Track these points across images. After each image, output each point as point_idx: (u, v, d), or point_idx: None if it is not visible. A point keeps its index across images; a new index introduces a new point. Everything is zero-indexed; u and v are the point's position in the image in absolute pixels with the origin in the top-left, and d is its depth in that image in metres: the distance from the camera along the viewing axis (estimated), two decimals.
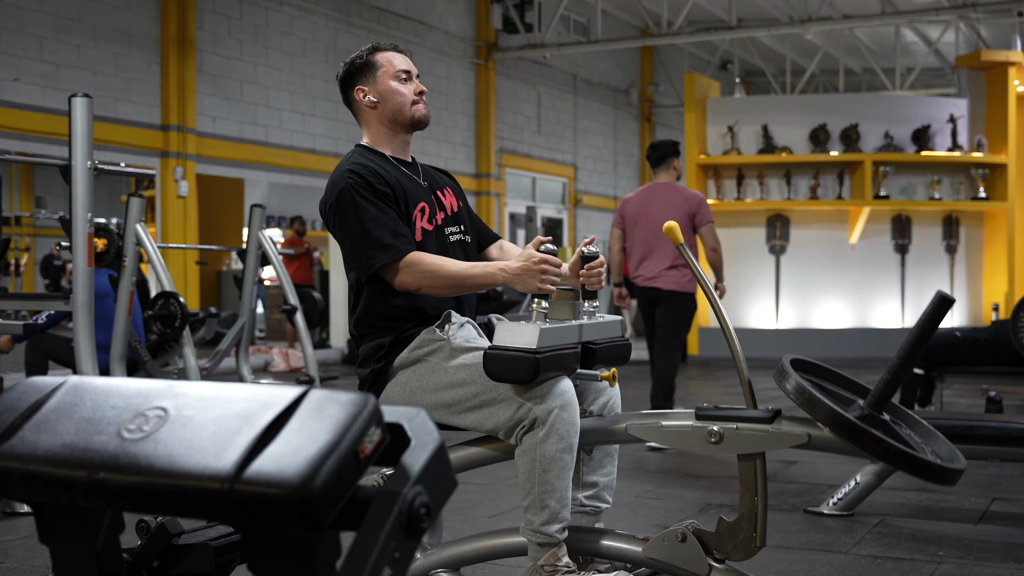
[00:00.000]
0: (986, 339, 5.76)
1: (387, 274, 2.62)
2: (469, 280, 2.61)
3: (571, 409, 2.46)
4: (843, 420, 2.16)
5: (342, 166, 2.73)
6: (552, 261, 2.53)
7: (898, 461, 2.14)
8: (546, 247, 2.56)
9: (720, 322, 2.47)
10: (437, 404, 2.58)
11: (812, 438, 2.29)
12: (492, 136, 16.13)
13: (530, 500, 2.48)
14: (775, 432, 2.32)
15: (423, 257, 2.61)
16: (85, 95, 4.58)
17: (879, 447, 2.14)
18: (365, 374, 2.71)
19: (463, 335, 2.64)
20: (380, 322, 2.69)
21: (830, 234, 11.79)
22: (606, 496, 2.74)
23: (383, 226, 2.62)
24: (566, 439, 2.45)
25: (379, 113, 2.81)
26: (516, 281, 2.54)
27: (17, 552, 3.50)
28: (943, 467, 2.15)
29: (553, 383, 2.46)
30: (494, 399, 2.50)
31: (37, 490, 1.30)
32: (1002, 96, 11.85)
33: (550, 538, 2.48)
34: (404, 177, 2.77)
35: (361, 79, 2.81)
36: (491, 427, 2.52)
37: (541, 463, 2.44)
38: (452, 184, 2.96)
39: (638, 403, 7.58)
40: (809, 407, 2.21)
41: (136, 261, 5.56)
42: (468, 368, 2.55)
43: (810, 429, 2.30)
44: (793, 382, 2.25)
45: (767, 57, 20.96)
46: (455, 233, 2.83)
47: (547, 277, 2.51)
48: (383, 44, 2.86)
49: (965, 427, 3.91)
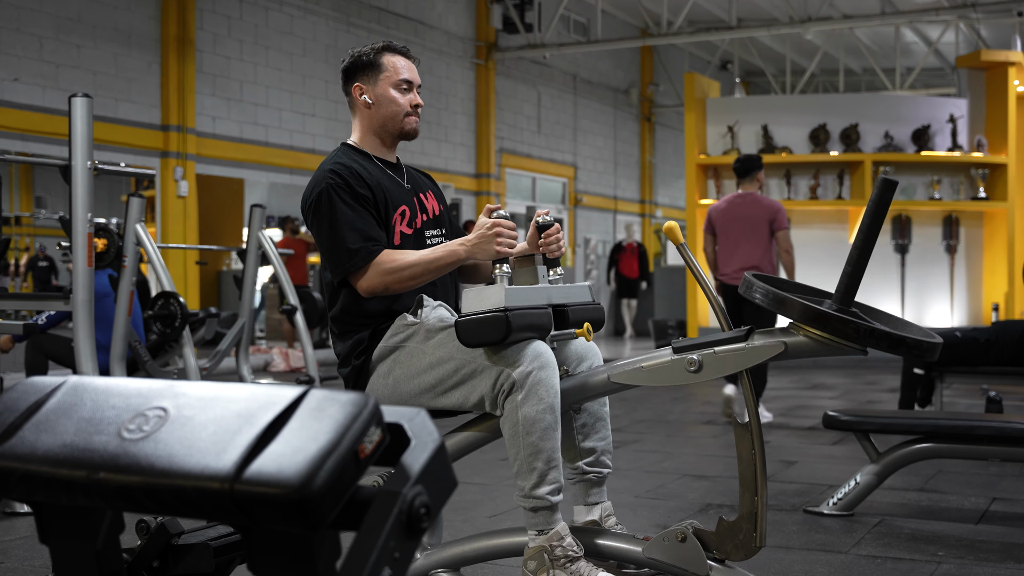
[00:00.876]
0: (986, 339, 5.76)
1: (354, 279, 2.64)
2: (433, 264, 2.63)
3: (548, 369, 2.47)
4: (814, 311, 2.20)
5: (325, 165, 2.74)
6: (504, 224, 2.57)
7: (870, 339, 2.16)
8: (497, 213, 2.61)
9: (720, 322, 2.47)
10: (421, 388, 2.59)
11: (788, 345, 2.32)
12: (492, 136, 16.13)
13: (518, 465, 2.48)
14: (751, 347, 2.35)
15: (384, 256, 2.62)
16: (85, 95, 4.58)
17: (850, 329, 2.17)
18: (347, 372, 2.72)
19: (436, 315, 2.66)
20: (357, 320, 2.70)
21: (830, 234, 11.78)
22: (606, 460, 2.73)
23: (355, 230, 2.63)
24: (546, 399, 2.45)
25: (371, 115, 2.81)
26: (476, 252, 2.58)
27: (17, 552, 3.50)
28: (917, 339, 2.17)
29: (527, 344, 2.47)
30: (474, 371, 2.51)
31: (37, 490, 1.30)
32: (1002, 96, 11.84)
33: (542, 500, 2.46)
34: (386, 179, 2.77)
35: (362, 76, 2.81)
36: (476, 400, 2.52)
37: (523, 425, 2.44)
38: (433, 187, 2.97)
39: (639, 402, 7.57)
40: (780, 306, 2.25)
41: (136, 261, 5.56)
42: (445, 346, 2.56)
43: (784, 337, 2.32)
44: (761, 288, 2.29)
45: (767, 57, 20.96)
46: (435, 236, 2.84)
47: (503, 240, 2.56)
48: (395, 45, 2.84)
49: (965, 427, 3.91)
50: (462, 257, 2.61)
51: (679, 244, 2.54)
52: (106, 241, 5.65)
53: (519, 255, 2.69)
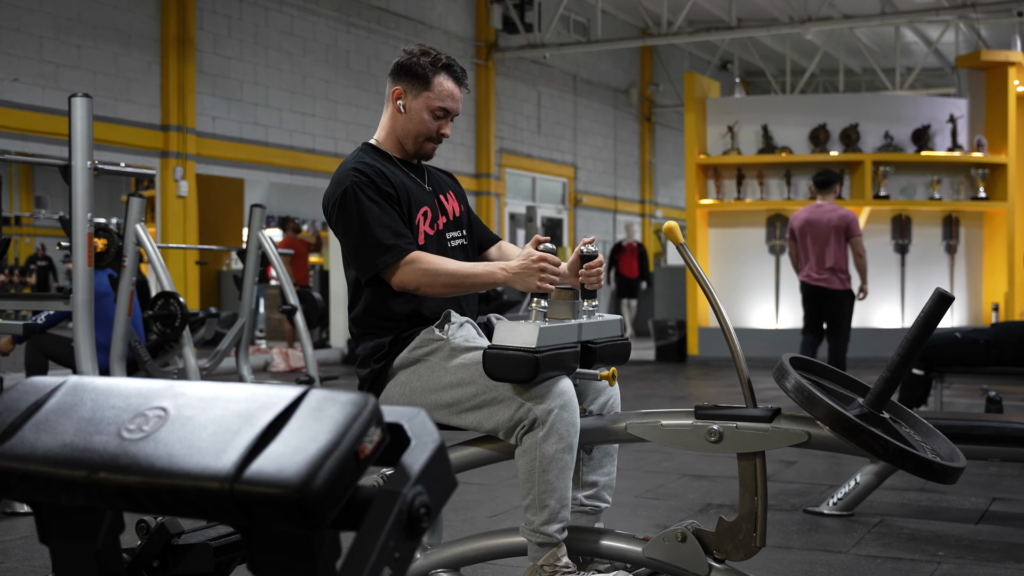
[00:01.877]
0: (986, 340, 5.76)
1: (387, 274, 2.62)
2: (469, 279, 2.61)
3: (571, 409, 2.46)
4: (843, 418, 2.16)
5: (347, 164, 2.72)
6: (551, 260, 2.52)
7: (898, 459, 2.13)
8: (545, 246, 2.56)
9: (720, 322, 2.46)
10: (437, 404, 2.58)
11: (812, 436, 2.29)
12: (492, 136, 16.13)
13: (530, 500, 2.48)
14: (774, 431, 2.32)
15: (423, 256, 2.61)
16: (85, 95, 4.58)
17: (879, 445, 2.14)
18: (365, 374, 2.70)
19: (463, 335, 2.63)
20: (380, 322, 2.68)
21: None
22: (606, 496, 2.74)
23: (385, 226, 2.61)
24: (566, 439, 2.44)
25: (399, 122, 2.77)
26: (515, 280, 2.54)
27: (17, 552, 3.50)
28: (943, 465, 2.14)
29: (553, 383, 2.46)
30: (494, 399, 2.49)
31: (37, 490, 1.30)
32: (1002, 96, 11.84)
33: (549, 538, 2.48)
34: (408, 180, 2.76)
35: (408, 83, 2.75)
36: (491, 427, 2.52)
37: (541, 463, 2.44)
38: (455, 187, 2.95)
39: (639, 403, 7.58)
40: (809, 405, 2.21)
41: (136, 261, 5.56)
42: (468, 368, 2.54)
43: (810, 428, 2.29)
44: (793, 380, 2.25)
45: (767, 57, 20.96)
46: (456, 238, 2.83)
47: (546, 276, 2.51)
48: (455, 68, 2.76)
49: (965, 427, 3.90)
50: (499, 281, 2.59)
51: (679, 244, 2.53)
52: (106, 241, 5.65)
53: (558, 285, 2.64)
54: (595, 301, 2.69)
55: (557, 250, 2.60)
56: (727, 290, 11.71)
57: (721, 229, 11.92)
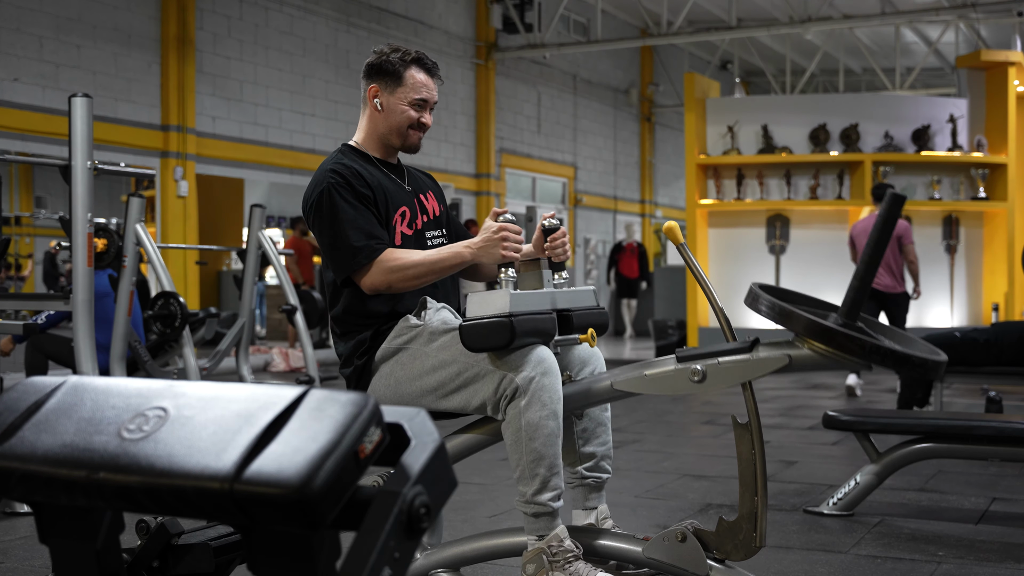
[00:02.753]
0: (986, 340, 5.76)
1: (357, 277, 2.63)
2: (437, 265, 2.63)
3: (552, 375, 2.46)
4: (819, 326, 2.18)
5: (325, 165, 2.74)
6: (511, 228, 2.57)
7: (876, 356, 2.14)
8: (504, 216, 2.60)
9: (720, 322, 2.47)
10: (423, 390, 2.58)
11: (792, 358, 2.30)
12: (492, 136, 16.13)
13: (520, 471, 2.48)
14: (755, 359, 2.34)
15: (388, 254, 2.62)
16: (85, 95, 4.58)
17: (856, 346, 2.15)
18: (349, 372, 2.71)
19: (440, 318, 2.65)
20: (360, 320, 2.69)
21: (830, 234, 11.77)
22: (606, 466, 2.74)
23: (358, 228, 2.62)
24: (549, 405, 2.44)
25: (378, 120, 2.79)
26: (481, 254, 2.59)
27: (17, 552, 3.50)
28: (922, 357, 2.15)
29: (531, 350, 2.47)
30: (476, 375, 2.50)
31: (37, 490, 1.30)
32: (1002, 96, 11.83)
33: (543, 507, 2.46)
34: (387, 180, 2.77)
35: (382, 81, 2.77)
36: (478, 404, 2.52)
37: (526, 431, 2.44)
38: (434, 187, 2.96)
39: (638, 403, 7.58)
40: (785, 320, 2.23)
41: (136, 261, 5.56)
42: (448, 348, 2.56)
43: (789, 350, 2.31)
44: (766, 300, 2.28)
45: (767, 57, 20.96)
46: (436, 237, 2.83)
47: (509, 244, 2.56)
48: (425, 61, 2.79)
49: (965, 427, 3.91)
50: (467, 259, 2.61)
51: (679, 244, 2.53)
52: (106, 241, 5.65)
53: (524, 259, 2.69)
54: (564, 273, 2.73)
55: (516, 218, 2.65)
56: (727, 290, 11.70)
57: (721, 229, 11.92)
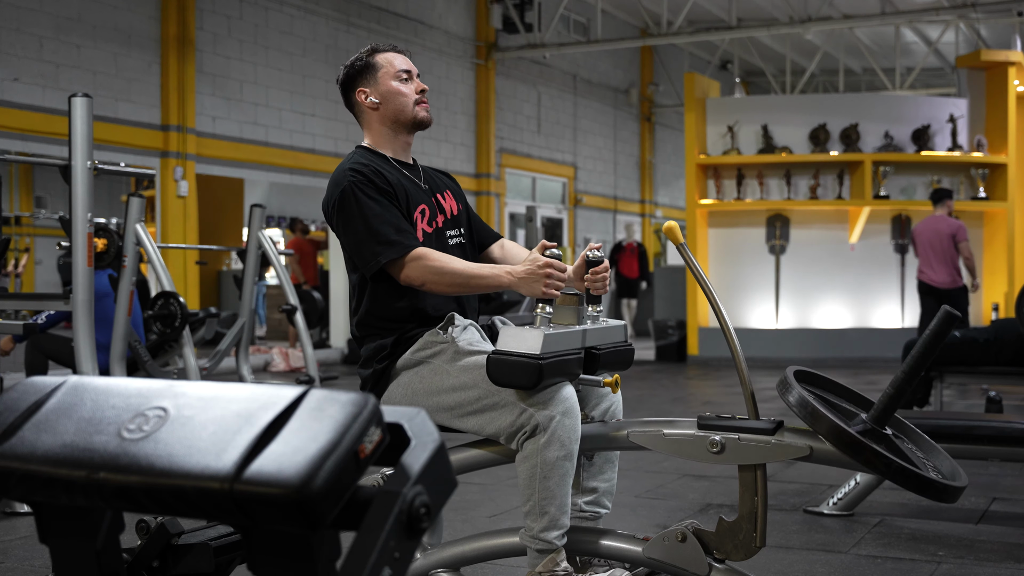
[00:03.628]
0: (986, 339, 5.76)
1: (392, 270, 2.61)
2: (474, 280, 2.60)
3: (573, 416, 2.46)
4: (845, 435, 2.16)
5: (343, 165, 2.72)
6: (557, 266, 2.51)
7: (900, 478, 2.14)
8: (551, 252, 2.54)
9: (720, 322, 2.46)
10: (439, 407, 2.57)
11: (814, 451, 2.29)
12: (492, 136, 16.13)
13: (530, 506, 2.48)
14: (777, 444, 2.32)
15: (429, 253, 2.60)
16: (85, 95, 4.58)
17: (881, 463, 2.14)
18: (367, 374, 2.70)
19: (467, 338, 2.63)
20: (382, 323, 2.68)
21: (830, 234, 11.78)
22: (606, 502, 2.74)
23: (387, 222, 2.61)
24: (567, 446, 2.44)
25: (381, 114, 2.80)
26: (521, 285, 2.53)
27: (17, 552, 3.50)
28: (944, 484, 2.15)
29: (555, 389, 2.46)
30: (496, 404, 2.49)
31: (37, 490, 1.30)
32: (1002, 96, 11.84)
33: (549, 544, 2.47)
34: (405, 179, 2.76)
35: (362, 81, 2.80)
36: (492, 431, 2.51)
37: (542, 470, 2.44)
38: (453, 186, 2.95)
39: (639, 403, 7.58)
40: (811, 420, 2.20)
41: (136, 261, 5.56)
42: (471, 372, 2.54)
43: (812, 442, 2.29)
44: (796, 394, 2.23)
45: (767, 57, 20.96)
46: (455, 236, 2.82)
47: (552, 282, 2.50)
48: (382, 45, 2.85)
49: (965, 427, 3.90)
50: (504, 285, 2.57)
51: (679, 244, 2.53)
52: (106, 241, 5.65)
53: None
54: (600, 307, 2.69)
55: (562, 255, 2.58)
56: (727, 290, 11.71)
57: (721, 229, 11.92)
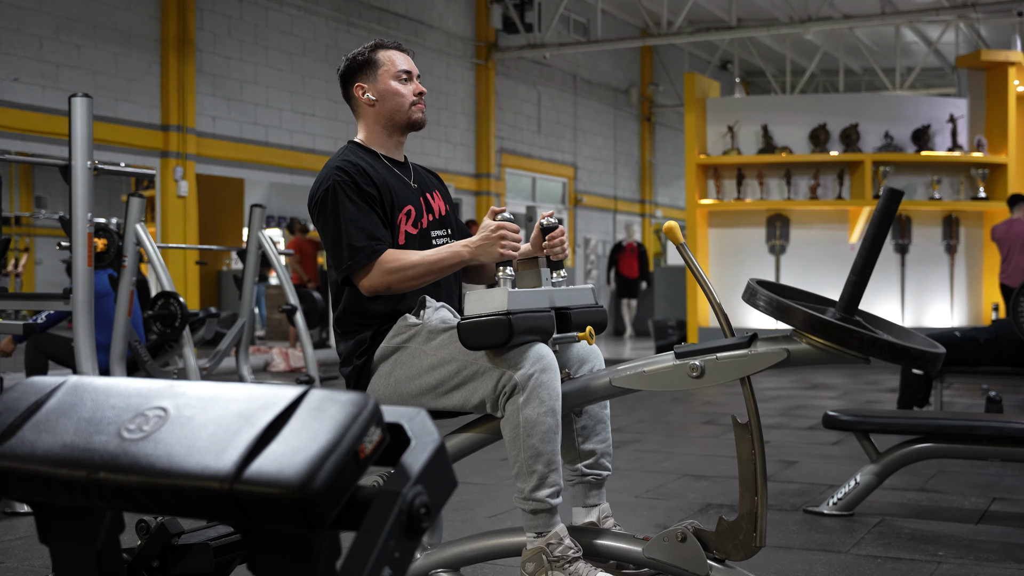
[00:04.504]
0: (986, 339, 5.76)
1: (356, 278, 2.63)
2: (436, 265, 2.62)
3: (550, 372, 2.46)
4: (817, 320, 2.18)
5: (332, 162, 2.73)
6: (509, 227, 2.58)
7: (873, 349, 2.14)
8: (502, 215, 2.61)
9: (720, 322, 2.47)
10: (422, 389, 2.58)
11: (790, 353, 2.31)
12: (492, 136, 16.13)
13: (517, 468, 2.48)
14: (753, 354, 2.34)
15: (387, 255, 2.62)
16: (85, 95, 4.58)
17: (853, 339, 2.15)
18: (348, 372, 2.71)
19: (439, 316, 2.66)
20: (360, 320, 2.69)
21: (830, 234, 11.78)
22: (606, 463, 2.73)
23: (360, 228, 2.62)
24: (547, 402, 2.45)
25: (377, 112, 2.80)
26: (480, 253, 2.59)
27: (17, 552, 3.50)
28: (920, 349, 2.15)
29: (529, 347, 2.47)
30: (475, 372, 2.51)
31: (37, 490, 1.30)
32: (1002, 96, 11.83)
33: (542, 503, 2.46)
34: (393, 178, 2.77)
35: (361, 76, 2.81)
36: (477, 402, 2.52)
37: (524, 427, 2.44)
38: (440, 187, 2.97)
39: (639, 403, 7.58)
40: (783, 314, 2.23)
41: (136, 261, 5.56)
42: (447, 346, 2.56)
43: (787, 345, 2.31)
44: (764, 295, 2.29)
45: (767, 57, 20.96)
46: (441, 237, 2.83)
47: (507, 243, 2.57)
48: (386, 42, 2.85)
49: (965, 427, 3.91)
50: (465, 258, 2.61)
51: (679, 244, 2.53)
52: (106, 241, 5.65)
53: (523, 257, 2.70)
54: (563, 272, 2.73)
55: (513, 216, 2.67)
56: (727, 290, 11.70)
57: (721, 229, 11.92)
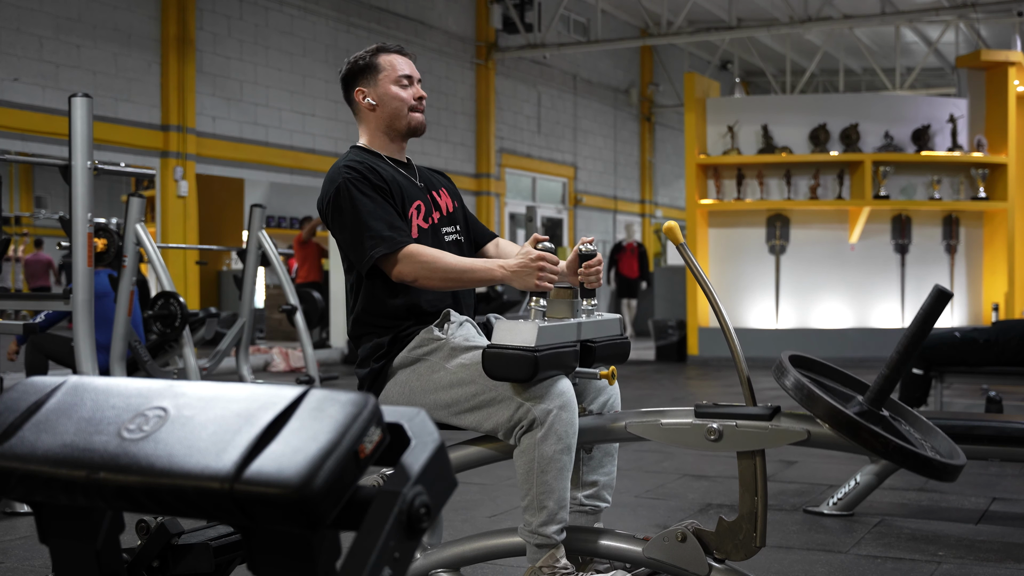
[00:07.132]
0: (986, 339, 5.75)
1: (385, 265, 2.61)
2: (467, 275, 2.61)
3: (570, 409, 2.46)
4: (842, 416, 2.15)
5: (339, 163, 2.73)
6: (549, 259, 2.53)
7: (897, 457, 2.12)
8: (544, 245, 2.56)
9: (720, 322, 2.46)
10: (436, 404, 2.57)
11: (811, 435, 2.28)
12: (492, 136, 16.13)
13: (528, 501, 2.48)
14: (774, 429, 2.32)
15: (421, 249, 2.61)
16: (85, 95, 4.58)
17: (878, 443, 2.13)
18: (364, 374, 2.70)
19: (462, 334, 2.63)
20: (378, 321, 2.68)
21: (830, 234, 11.78)
22: (606, 495, 2.73)
23: (380, 219, 2.61)
24: (564, 440, 2.44)
25: (377, 116, 2.80)
26: (514, 279, 2.54)
27: (17, 552, 3.50)
28: (943, 463, 2.13)
29: (552, 383, 2.46)
30: (493, 399, 2.49)
31: (37, 490, 1.30)
32: (1002, 96, 11.83)
33: (548, 539, 2.47)
34: (399, 176, 2.77)
35: (362, 80, 2.81)
36: (490, 427, 2.52)
37: (539, 464, 2.44)
38: (448, 185, 2.96)
39: (639, 403, 7.58)
40: (808, 403, 2.20)
41: (136, 261, 5.56)
42: (468, 368, 2.54)
43: (809, 426, 2.29)
44: (792, 378, 2.24)
45: (767, 57, 20.96)
46: (451, 233, 2.83)
47: (544, 275, 2.52)
48: (389, 45, 2.85)
49: (965, 427, 3.90)
50: (497, 279, 2.59)
51: (679, 244, 2.53)
52: (106, 241, 5.65)
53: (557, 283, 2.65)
54: (594, 300, 2.69)
55: (557, 250, 2.59)
56: (727, 290, 11.71)
57: (721, 229, 11.92)
